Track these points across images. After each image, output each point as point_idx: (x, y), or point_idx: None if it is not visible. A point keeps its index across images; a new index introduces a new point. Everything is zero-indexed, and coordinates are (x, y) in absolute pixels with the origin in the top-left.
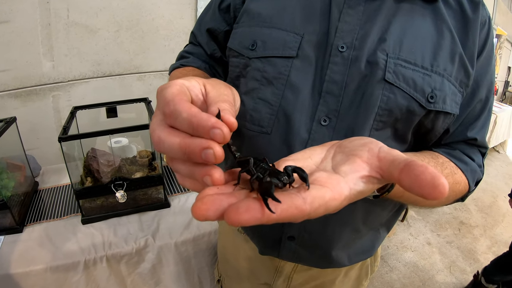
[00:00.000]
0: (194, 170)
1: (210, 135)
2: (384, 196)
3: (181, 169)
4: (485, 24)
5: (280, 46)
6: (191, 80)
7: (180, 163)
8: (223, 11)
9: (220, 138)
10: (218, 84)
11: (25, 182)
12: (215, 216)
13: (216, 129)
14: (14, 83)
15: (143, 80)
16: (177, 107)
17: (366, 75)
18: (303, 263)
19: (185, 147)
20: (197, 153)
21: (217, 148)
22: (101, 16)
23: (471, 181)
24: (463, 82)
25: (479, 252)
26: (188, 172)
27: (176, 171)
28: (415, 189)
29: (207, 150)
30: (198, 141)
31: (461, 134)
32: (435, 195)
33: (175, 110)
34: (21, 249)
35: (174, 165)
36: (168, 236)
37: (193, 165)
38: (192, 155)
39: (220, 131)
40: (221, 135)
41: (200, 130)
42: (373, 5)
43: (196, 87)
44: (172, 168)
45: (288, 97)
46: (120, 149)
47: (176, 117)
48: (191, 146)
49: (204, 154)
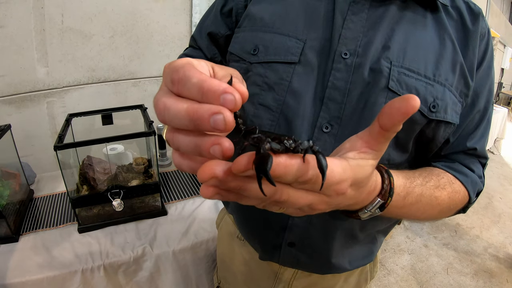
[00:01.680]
0: (200, 141)
1: (221, 101)
2: (388, 204)
3: (183, 142)
4: (485, 36)
5: (282, 51)
6: (200, 61)
7: (183, 134)
8: (225, 15)
9: (231, 104)
10: (226, 67)
11: (20, 190)
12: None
13: (227, 94)
14: (8, 89)
15: (138, 86)
16: (187, 73)
17: (369, 82)
18: (304, 269)
19: (193, 113)
20: (205, 119)
21: (227, 114)
22: (96, 22)
23: (472, 193)
24: (463, 92)
25: (476, 254)
26: (192, 145)
27: (177, 146)
28: (393, 113)
29: (217, 116)
30: (207, 106)
31: (461, 145)
32: (410, 104)
33: (185, 76)
34: (17, 258)
35: (175, 138)
36: (165, 244)
37: (199, 136)
38: (200, 121)
39: (232, 96)
40: (232, 100)
41: (210, 95)
42: (377, 12)
43: (204, 67)
44: (172, 143)
45: (290, 103)
46: (116, 156)
47: (185, 83)
48: (199, 111)
49: (213, 120)
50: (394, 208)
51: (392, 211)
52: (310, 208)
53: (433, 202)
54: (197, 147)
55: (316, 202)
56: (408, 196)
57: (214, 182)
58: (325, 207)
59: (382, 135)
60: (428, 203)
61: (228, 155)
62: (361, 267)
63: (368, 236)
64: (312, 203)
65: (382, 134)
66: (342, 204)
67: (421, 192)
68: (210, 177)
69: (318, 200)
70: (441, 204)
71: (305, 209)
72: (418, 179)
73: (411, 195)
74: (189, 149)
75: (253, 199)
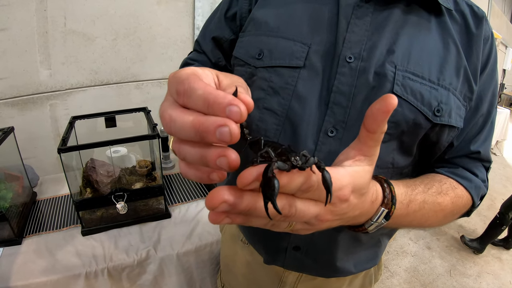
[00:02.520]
0: (205, 152)
1: (226, 113)
2: (392, 212)
3: (189, 153)
4: (488, 40)
5: (287, 56)
6: (204, 69)
7: (189, 146)
8: (229, 20)
9: (237, 116)
10: (230, 75)
11: (23, 193)
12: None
13: (233, 106)
14: (11, 91)
15: (141, 89)
16: (192, 84)
17: (374, 86)
18: (308, 272)
19: (199, 125)
20: (211, 131)
21: (233, 126)
22: (98, 24)
23: (476, 197)
24: (467, 96)
25: (479, 255)
26: (198, 155)
27: (183, 156)
28: (376, 114)
29: (223, 128)
30: (213, 119)
31: (464, 148)
32: (389, 103)
33: (190, 88)
34: (20, 261)
35: (182, 149)
36: (169, 247)
37: (205, 147)
38: (205, 133)
39: (237, 108)
40: (238, 112)
41: (216, 107)
42: (381, 16)
43: (209, 76)
44: (178, 153)
45: (295, 108)
46: (119, 159)
47: (191, 95)
48: (205, 124)
49: (219, 133)
50: (399, 217)
51: (397, 221)
52: (317, 220)
53: (437, 208)
54: (203, 158)
55: (322, 212)
56: (411, 204)
57: (224, 208)
58: (331, 217)
59: (370, 138)
60: (432, 209)
61: (234, 166)
62: (366, 270)
63: (372, 239)
64: (319, 214)
65: (370, 137)
66: (348, 215)
67: (423, 199)
68: (220, 202)
69: (324, 210)
70: (445, 209)
71: (312, 222)
72: (420, 187)
73: (414, 202)
74: (195, 160)
75: (261, 219)
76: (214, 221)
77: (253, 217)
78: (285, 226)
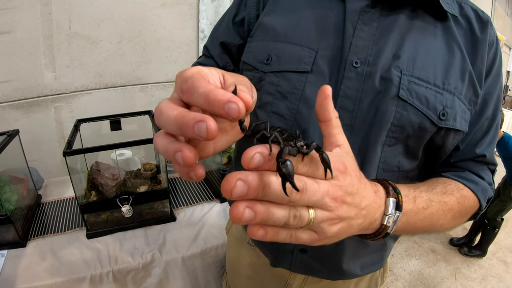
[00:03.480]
0: (168, 146)
1: (225, 110)
2: (401, 201)
3: (159, 144)
4: (493, 44)
5: (294, 61)
6: (210, 69)
7: (161, 137)
8: (237, 25)
9: (235, 113)
10: (236, 75)
11: (28, 195)
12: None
13: (231, 103)
14: (16, 94)
15: (145, 92)
16: (195, 83)
17: (380, 91)
18: (315, 275)
19: (180, 119)
20: (190, 126)
21: (210, 122)
22: (103, 27)
23: (483, 200)
24: (472, 100)
25: (483, 258)
26: (163, 148)
27: (156, 147)
28: (321, 104)
29: (201, 123)
30: (193, 114)
31: (470, 152)
32: (325, 93)
33: (193, 86)
34: (25, 264)
35: (156, 139)
36: (174, 250)
37: (170, 142)
38: (184, 127)
39: (235, 105)
40: (236, 109)
41: (215, 104)
42: (387, 21)
43: (215, 75)
44: (154, 144)
45: (303, 112)
46: (124, 162)
47: (193, 92)
48: (185, 118)
49: (197, 128)
50: (410, 213)
51: (410, 218)
52: (331, 199)
53: (444, 207)
54: (166, 150)
55: (331, 189)
56: (418, 199)
57: (240, 187)
58: (342, 193)
59: (330, 126)
60: (440, 208)
61: (190, 163)
62: (372, 272)
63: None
64: (329, 190)
65: (330, 125)
66: (357, 200)
67: (429, 197)
68: (235, 180)
69: (332, 186)
70: (452, 209)
71: (327, 204)
72: (423, 186)
73: (420, 198)
74: (161, 150)
75: (281, 210)
76: (235, 215)
77: (272, 207)
78: (307, 236)
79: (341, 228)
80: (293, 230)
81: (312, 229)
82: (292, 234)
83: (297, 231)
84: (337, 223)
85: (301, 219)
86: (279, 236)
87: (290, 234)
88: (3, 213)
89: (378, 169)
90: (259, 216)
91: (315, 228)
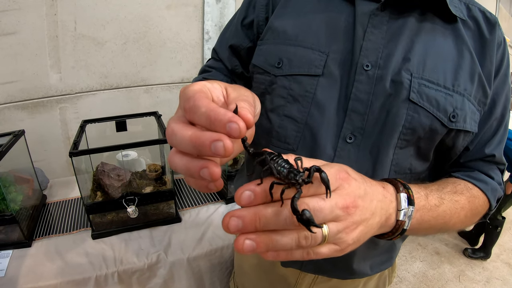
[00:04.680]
0: (191, 165)
1: (227, 129)
2: (412, 196)
3: (179, 164)
4: (501, 45)
5: (306, 64)
6: (213, 83)
7: (179, 156)
8: (245, 27)
9: (236, 132)
10: (239, 88)
11: (33, 196)
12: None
13: (232, 123)
14: (21, 94)
15: (150, 93)
16: (196, 102)
17: (391, 94)
18: (325, 274)
19: (196, 139)
20: (207, 145)
21: (227, 141)
22: (108, 29)
23: (492, 200)
24: (482, 101)
25: (488, 261)
26: (185, 167)
27: (174, 167)
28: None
29: (217, 143)
30: (209, 134)
31: (479, 152)
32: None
33: (195, 105)
34: (30, 264)
35: (174, 160)
36: (180, 251)
37: (192, 159)
38: (201, 147)
39: (236, 125)
40: (237, 129)
41: (217, 124)
42: (396, 24)
43: (218, 89)
44: (171, 164)
45: (314, 115)
46: (129, 162)
47: (195, 111)
48: (201, 138)
49: (214, 147)
50: (423, 210)
51: (424, 216)
52: (343, 209)
53: (456, 205)
54: (188, 169)
55: (339, 200)
56: (429, 197)
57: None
58: (351, 200)
59: None
60: (452, 206)
61: (216, 178)
62: (381, 271)
63: (387, 241)
64: (337, 202)
65: None
66: (368, 199)
67: (440, 196)
68: (229, 216)
69: (340, 198)
70: (464, 207)
71: (339, 215)
72: (433, 186)
73: (431, 196)
74: (183, 170)
75: (300, 253)
76: (236, 248)
77: (275, 234)
78: (319, 238)
79: (361, 232)
80: (310, 249)
81: (330, 242)
82: (310, 252)
83: (315, 248)
84: (355, 229)
85: (314, 238)
86: (294, 256)
87: (307, 252)
88: (8, 213)
89: (390, 172)
90: (262, 245)
91: (334, 241)
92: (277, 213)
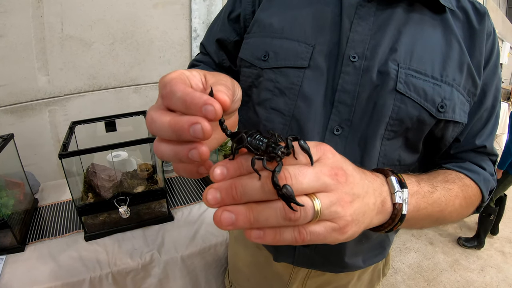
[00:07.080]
0: (179, 149)
1: (203, 112)
2: (402, 179)
3: (166, 151)
4: (491, 35)
5: (292, 56)
6: (192, 71)
7: (165, 144)
8: (232, 21)
9: (212, 114)
10: (218, 74)
11: (24, 200)
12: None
13: (208, 105)
14: (10, 98)
15: (139, 92)
16: (173, 88)
17: (378, 85)
18: (318, 268)
19: (174, 124)
20: (185, 129)
21: (205, 123)
22: (96, 29)
23: (485, 191)
24: (471, 91)
25: (482, 249)
26: (173, 152)
27: (161, 155)
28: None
29: (195, 126)
30: (187, 118)
31: (470, 143)
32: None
33: (171, 91)
34: (23, 268)
35: (160, 148)
36: (173, 249)
37: (178, 144)
38: (180, 131)
39: (212, 107)
40: (213, 111)
41: (193, 107)
42: (383, 15)
43: (197, 77)
44: (158, 153)
45: (301, 107)
46: (120, 163)
47: (172, 97)
48: (179, 123)
49: (192, 130)
50: (418, 196)
51: (420, 203)
52: (332, 178)
53: (450, 193)
54: (178, 154)
55: (324, 168)
56: (421, 183)
57: (213, 195)
58: (339, 169)
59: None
60: (445, 194)
61: (204, 158)
62: (374, 264)
63: (380, 234)
64: (321, 169)
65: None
66: (364, 182)
67: (432, 183)
68: (208, 189)
69: (324, 166)
70: (458, 195)
71: (328, 184)
72: (424, 175)
73: (423, 182)
74: (173, 156)
75: (290, 232)
76: (214, 220)
77: (257, 205)
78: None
79: (359, 209)
80: (301, 227)
81: (325, 219)
82: (302, 231)
83: (308, 227)
84: (350, 202)
85: (304, 210)
86: (283, 236)
87: (298, 231)
88: (0, 218)
89: (378, 163)
90: (242, 217)
91: (329, 216)
92: (255, 180)
